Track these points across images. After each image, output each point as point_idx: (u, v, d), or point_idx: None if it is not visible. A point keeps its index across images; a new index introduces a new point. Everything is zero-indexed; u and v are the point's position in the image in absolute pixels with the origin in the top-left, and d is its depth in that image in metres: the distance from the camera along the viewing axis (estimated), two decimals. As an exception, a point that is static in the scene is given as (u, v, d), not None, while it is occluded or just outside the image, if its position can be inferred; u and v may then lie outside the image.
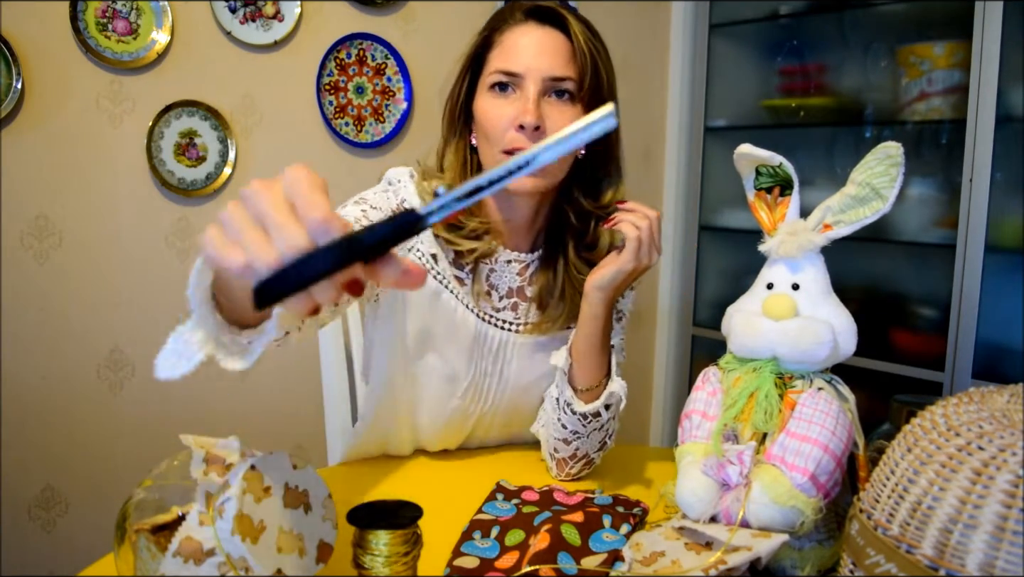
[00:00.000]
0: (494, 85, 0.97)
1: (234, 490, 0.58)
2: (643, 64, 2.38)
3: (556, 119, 0.95)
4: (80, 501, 1.63)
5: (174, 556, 0.58)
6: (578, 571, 0.71)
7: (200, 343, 0.53)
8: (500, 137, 0.96)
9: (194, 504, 0.60)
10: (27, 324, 1.54)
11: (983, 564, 0.47)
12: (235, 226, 0.49)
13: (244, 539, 0.57)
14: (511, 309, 1.07)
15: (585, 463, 1.01)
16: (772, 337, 0.77)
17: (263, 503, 0.60)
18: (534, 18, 0.98)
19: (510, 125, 0.95)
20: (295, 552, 0.61)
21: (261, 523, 0.59)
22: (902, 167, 0.76)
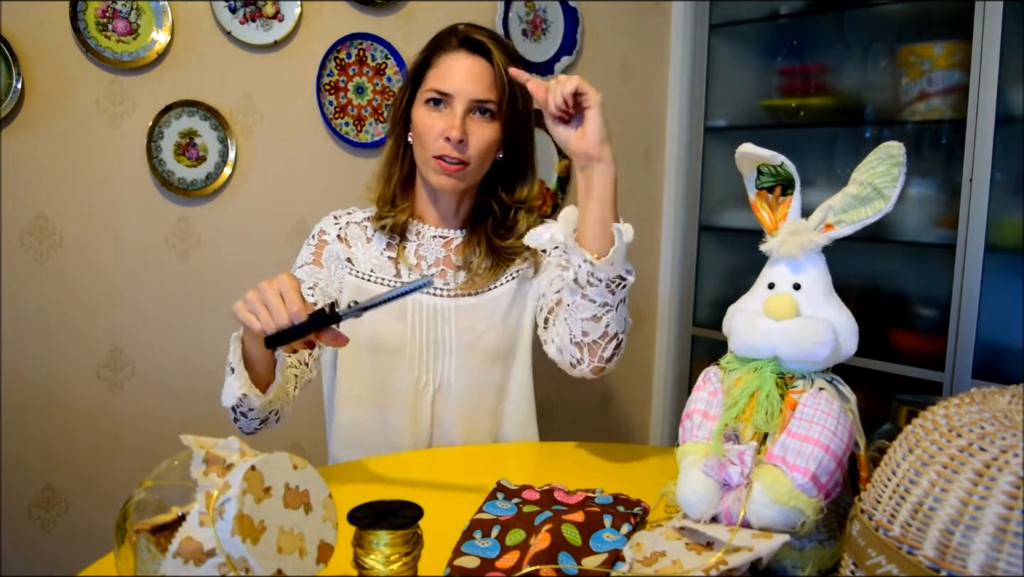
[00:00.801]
0: (429, 100, 1.18)
1: (234, 491, 0.58)
2: (643, 64, 2.38)
3: (478, 133, 1.17)
4: (80, 501, 1.63)
5: (174, 556, 0.58)
6: (579, 571, 0.71)
7: (239, 386, 0.96)
8: (431, 144, 1.17)
9: (194, 504, 0.60)
10: (27, 324, 1.54)
11: (984, 565, 0.47)
12: (254, 305, 0.92)
13: (244, 540, 0.57)
14: (440, 276, 1.25)
15: (616, 344, 1.06)
16: (773, 337, 0.77)
17: (263, 504, 0.60)
18: (466, 47, 1.19)
19: (440, 136, 1.16)
20: (295, 552, 0.61)
21: (261, 524, 0.59)
22: (904, 167, 0.76)
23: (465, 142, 1.16)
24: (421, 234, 1.27)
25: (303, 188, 1.80)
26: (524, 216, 1.27)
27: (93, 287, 1.61)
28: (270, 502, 0.60)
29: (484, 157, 1.20)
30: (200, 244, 1.71)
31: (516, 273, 1.28)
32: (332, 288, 1.24)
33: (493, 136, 1.19)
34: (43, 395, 1.57)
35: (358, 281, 1.24)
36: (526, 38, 2.11)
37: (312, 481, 0.65)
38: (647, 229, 2.48)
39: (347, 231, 1.27)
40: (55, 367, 1.58)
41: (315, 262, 1.25)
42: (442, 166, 1.17)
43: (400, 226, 1.25)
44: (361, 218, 1.29)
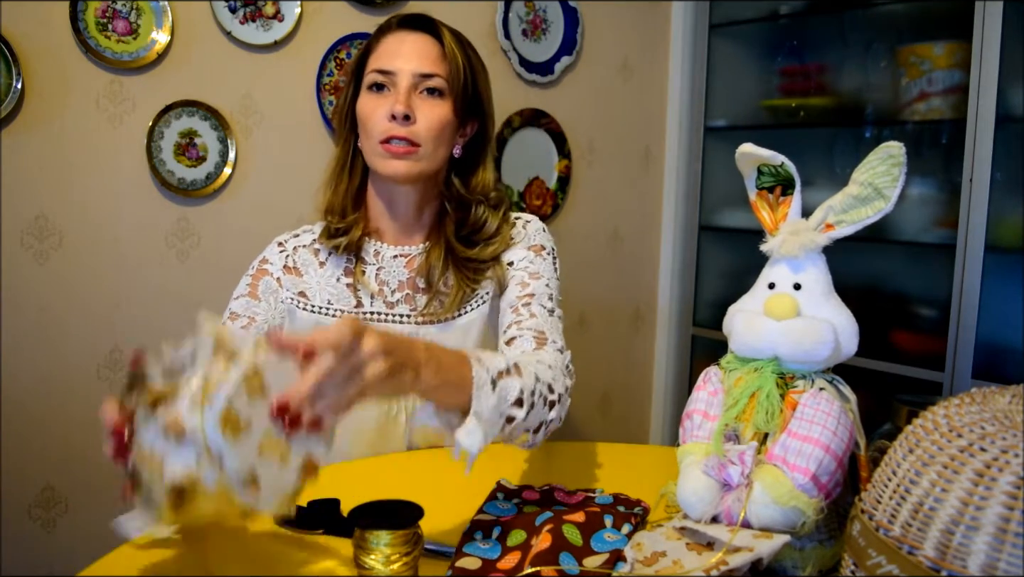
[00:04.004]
0: (371, 85, 1.10)
1: (229, 385, 0.58)
2: (643, 64, 2.38)
3: (426, 112, 1.07)
4: (80, 501, 1.63)
5: (161, 428, 0.58)
6: (580, 571, 0.71)
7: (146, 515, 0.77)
8: (375, 128, 1.07)
9: (193, 383, 0.59)
10: (27, 324, 1.54)
11: (985, 565, 0.47)
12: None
13: (225, 432, 0.57)
14: (405, 302, 1.15)
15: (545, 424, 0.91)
16: (774, 337, 0.77)
17: (256, 403, 0.59)
18: (406, 26, 1.11)
19: (384, 116, 1.06)
20: (276, 459, 0.60)
21: (248, 422, 0.58)
22: (904, 167, 0.76)
23: (412, 118, 1.06)
24: (380, 255, 1.16)
25: (303, 188, 1.79)
26: (491, 214, 1.16)
27: (93, 287, 1.61)
28: (264, 404, 0.60)
29: (436, 140, 1.09)
30: (200, 244, 1.71)
31: (486, 296, 1.15)
32: (275, 323, 1.14)
33: (444, 115, 1.09)
34: (43, 395, 1.57)
35: (315, 316, 1.13)
36: (526, 38, 2.11)
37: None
38: (647, 229, 2.48)
39: (296, 258, 1.16)
40: (55, 367, 1.58)
41: (251, 294, 1.14)
42: (389, 149, 1.07)
43: (355, 244, 1.14)
44: (310, 240, 1.17)
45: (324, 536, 0.83)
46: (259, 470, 0.59)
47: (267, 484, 0.60)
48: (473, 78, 1.12)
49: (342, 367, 0.64)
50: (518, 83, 2.10)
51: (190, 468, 0.58)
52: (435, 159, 1.11)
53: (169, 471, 0.58)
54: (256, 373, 0.59)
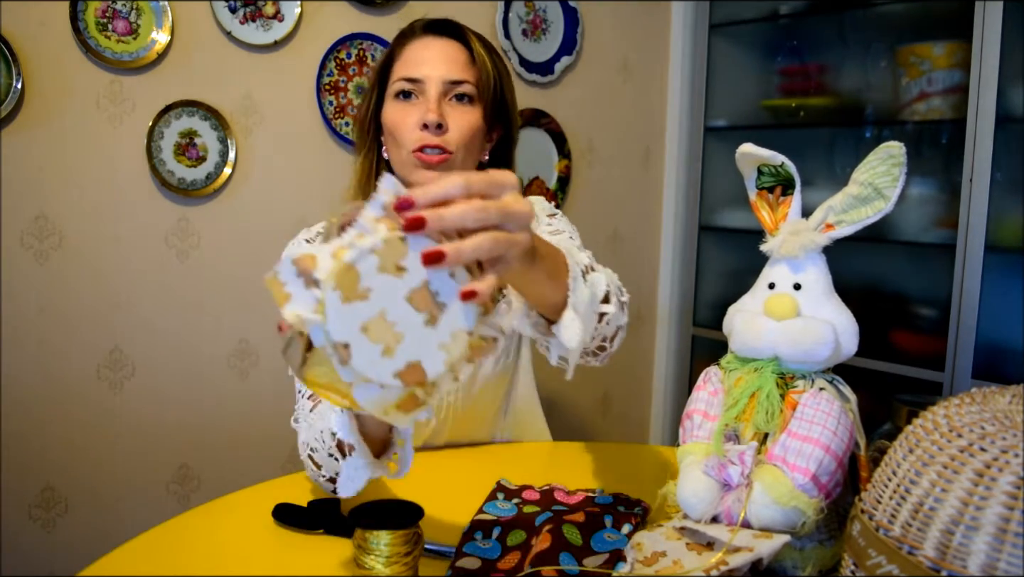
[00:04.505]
0: (399, 93, 1.07)
1: (366, 244, 0.53)
2: (643, 64, 2.38)
3: (458, 119, 1.06)
4: (80, 501, 1.63)
5: (292, 262, 0.53)
6: (580, 571, 0.71)
7: (364, 467, 0.72)
8: (407, 137, 1.05)
9: (349, 233, 0.54)
10: (27, 324, 1.54)
11: (985, 565, 0.47)
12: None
13: (337, 289, 0.52)
14: None
15: (617, 335, 0.92)
16: (774, 337, 0.77)
17: (384, 277, 0.53)
18: (433, 31, 1.09)
19: (416, 125, 1.04)
20: (380, 344, 0.54)
21: (367, 292, 0.53)
22: (904, 167, 0.76)
23: (445, 127, 1.05)
24: None
25: (303, 188, 1.80)
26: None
27: (93, 287, 1.61)
28: (392, 282, 0.54)
29: (468, 148, 1.08)
30: (200, 244, 1.71)
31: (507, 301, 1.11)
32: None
33: (475, 122, 1.07)
34: (43, 395, 1.57)
35: None
36: (526, 38, 2.11)
37: (464, 311, 0.57)
38: (647, 229, 2.48)
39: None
40: (55, 367, 1.58)
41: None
42: (423, 158, 1.04)
43: None
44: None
45: (324, 536, 0.83)
46: (354, 343, 0.53)
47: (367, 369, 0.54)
48: (501, 83, 1.10)
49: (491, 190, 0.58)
50: (518, 83, 2.10)
51: (303, 314, 0.52)
52: (466, 167, 1.09)
53: (287, 310, 0.53)
54: (399, 244, 0.53)
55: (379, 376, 0.54)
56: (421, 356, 0.56)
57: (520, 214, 0.58)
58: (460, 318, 0.57)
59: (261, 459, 1.80)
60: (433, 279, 0.55)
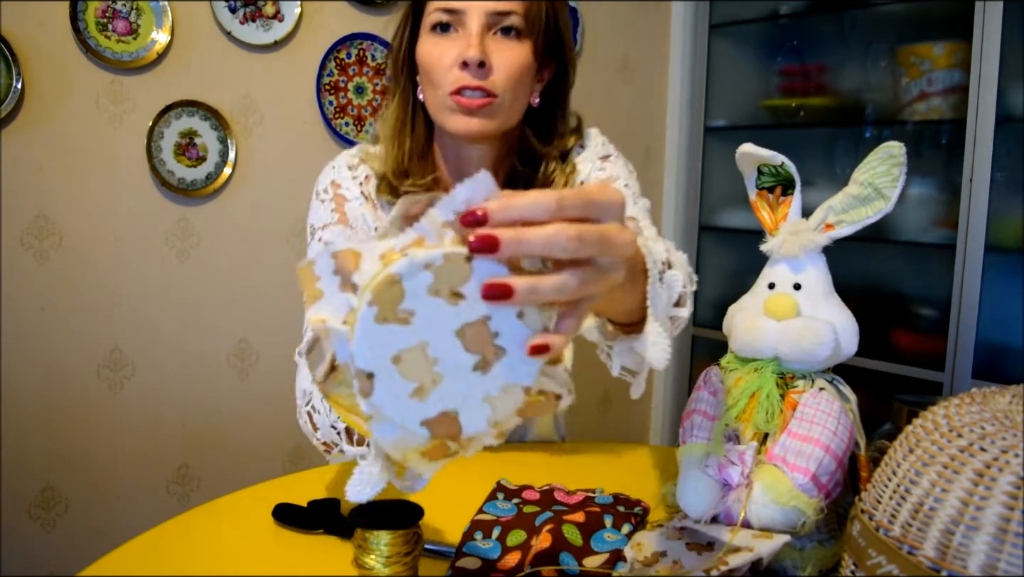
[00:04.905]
0: (435, 26, 0.92)
1: (422, 256, 0.42)
2: (643, 64, 2.38)
3: (504, 56, 0.91)
4: (80, 501, 1.63)
5: (332, 256, 0.44)
6: (580, 571, 0.71)
7: (380, 473, 0.56)
8: (444, 78, 0.91)
9: (411, 234, 0.44)
10: (27, 324, 1.54)
11: (985, 565, 0.47)
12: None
13: (373, 305, 0.42)
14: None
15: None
16: (774, 337, 0.77)
17: (435, 302, 0.43)
18: None
19: (454, 64, 0.90)
20: (412, 383, 0.44)
21: (409, 315, 0.43)
22: (904, 167, 0.76)
23: (488, 66, 0.90)
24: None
25: (303, 188, 1.79)
26: (559, 170, 1.02)
27: (93, 287, 1.61)
28: (442, 308, 0.43)
29: (516, 90, 0.93)
30: (200, 244, 1.71)
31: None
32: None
33: (523, 59, 0.92)
34: (43, 395, 1.57)
35: None
36: (526, 38, 2.11)
37: (526, 363, 0.46)
38: (647, 229, 2.48)
39: (369, 189, 1.00)
40: (55, 367, 1.58)
41: (340, 220, 0.97)
42: (462, 102, 0.90)
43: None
44: (368, 174, 1.01)
45: (324, 536, 0.83)
46: (380, 374, 0.44)
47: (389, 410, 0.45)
48: (554, 13, 0.95)
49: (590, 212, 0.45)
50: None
51: (329, 321, 0.44)
52: (514, 111, 0.95)
53: (314, 311, 0.44)
54: (465, 267, 0.43)
55: (403, 419, 0.45)
56: (460, 407, 0.46)
57: (622, 246, 0.46)
58: (519, 370, 0.46)
59: (261, 459, 1.80)
60: (496, 315, 0.45)
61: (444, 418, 0.45)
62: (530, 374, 0.46)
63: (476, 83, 0.89)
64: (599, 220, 0.46)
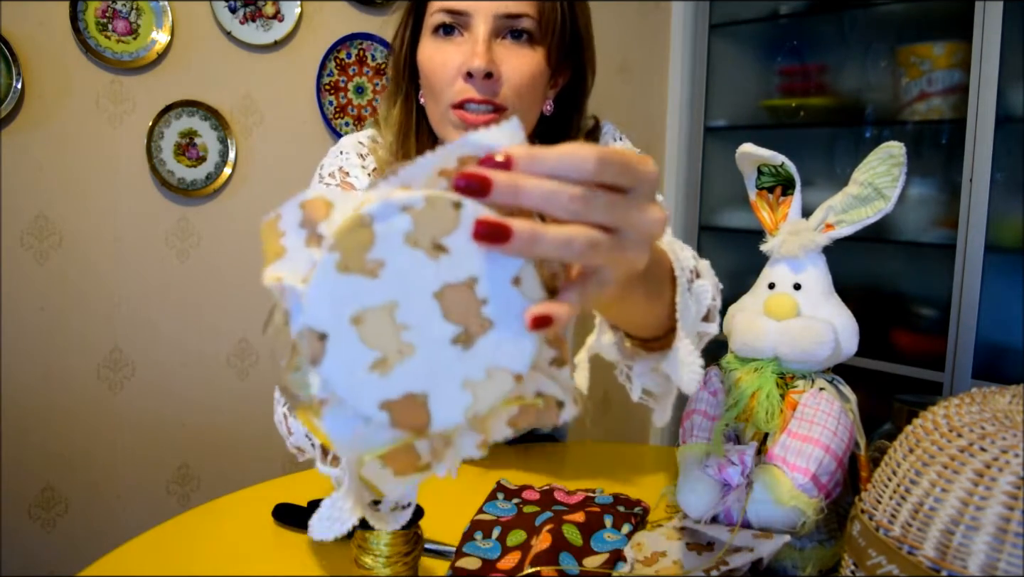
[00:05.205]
0: (438, 28, 0.83)
1: (401, 197, 0.35)
2: (643, 64, 2.38)
3: (514, 64, 0.81)
4: (80, 501, 1.63)
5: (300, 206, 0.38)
6: (580, 571, 0.71)
7: (352, 509, 0.49)
8: (446, 88, 0.82)
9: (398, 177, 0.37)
10: (27, 324, 1.54)
11: (985, 565, 0.47)
12: None
13: (335, 251, 0.35)
14: None
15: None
16: (774, 337, 0.77)
17: (412, 253, 0.35)
18: None
19: (457, 73, 0.81)
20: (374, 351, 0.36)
21: (378, 266, 0.35)
22: (904, 167, 0.76)
23: (496, 76, 0.81)
24: None
25: (303, 188, 1.80)
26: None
27: (93, 287, 1.61)
28: (423, 262, 0.36)
29: (527, 102, 0.84)
30: (200, 244, 1.71)
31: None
32: None
33: (535, 67, 0.83)
34: (43, 395, 1.57)
35: None
36: (526, 38, 2.11)
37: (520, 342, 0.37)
38: (647, 229, 2.48)
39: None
40: (55, 367, 1.58)
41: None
42: (466, 118, 0.82)
43: None
44: (375, 167, 0.93)
45: (324, 536, 0.83)
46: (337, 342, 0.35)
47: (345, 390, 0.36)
48: (572, 14, 0.85)
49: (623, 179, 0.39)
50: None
51: (285, 278, 0.37)
52: (523, 123, 0.89)
53: (270, 269, 0.37)
54: (449, 211, 0.35)
55: (357, 397, 0.36)
56: (431, 389, 0.37)
57: (647, 224, 0.39)
58: (510, 351, 0.37)
59: (261, 459, 1.80)
60: (486, 278, 0.36)
61: (409, 402, 0.36)
62: (523, 357, 0.37)
63: (482, 96, 0.81)
64: (633, 191, 0.39)
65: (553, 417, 0.40)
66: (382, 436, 0.38)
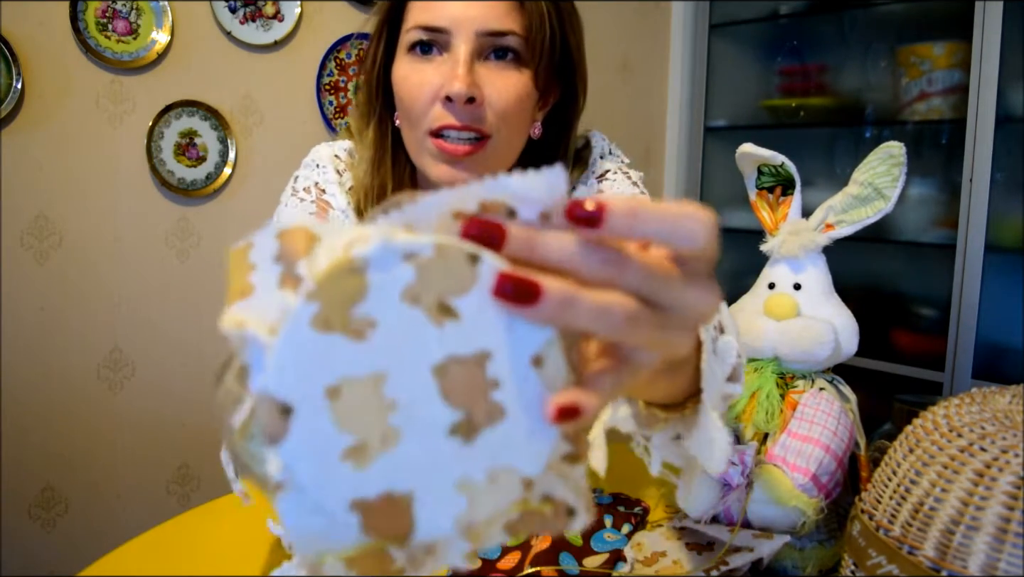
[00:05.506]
0: (414, 45, 0.74)
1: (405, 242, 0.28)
2: (643, 64, 2.38)
3: (498, 87, 0.73)
4: (80, 501, 1.63)
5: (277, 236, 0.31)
6: (580, 571, 0.71)
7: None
8: (423, 113, 0.74)
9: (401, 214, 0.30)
10: (27, 324, 1.54)
11: (985, 565, 0.47)
12: None
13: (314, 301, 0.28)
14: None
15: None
16: (774, 337, 0.77)
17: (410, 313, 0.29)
18: None
19: (435, 97, 0.73)
20: (349, 434, 0.29)
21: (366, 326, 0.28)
22: (904, 167, 0.76)
23: (479, 101, 0.72)
24: None
25: (303, 188, 1.80)
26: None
27: (93, 287, 1.61)
28: (423, 326, 0.29)
29: (512, 128, 0.75)
30: (200, 244, 1.71)
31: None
32: None
33: (522, 90, 0.74)
34: (43, 395, 1.57)
35: None
36: (526, 38, 2.11)
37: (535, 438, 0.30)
38: (647, 229, 2.48)
39: (352, 210, 0.83)
40: (55, 367, 1.58)
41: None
42: (444, 148, 0.73)
43: None
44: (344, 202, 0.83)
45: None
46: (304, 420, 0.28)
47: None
48: (562, 30, 0.77)
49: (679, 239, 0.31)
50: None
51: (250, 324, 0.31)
52: (509, 151, 0.78)
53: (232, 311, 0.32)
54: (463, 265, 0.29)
55: (322, 492, 0.29)
56: (416, 489, 0.29)
57: (701, 305, 0.32)
58: (522, 447, 0.30)
59: (261, 459, 1.80)
60: (502, 352, 0.29)
61: (388, 503, 0.29)
62: (537, 458, 0.30)
63: (461, 122, 0.72)
64: (689, 263, 0.32)
65: (560, 525, 0.32)
66: (350, 535, 0.30)
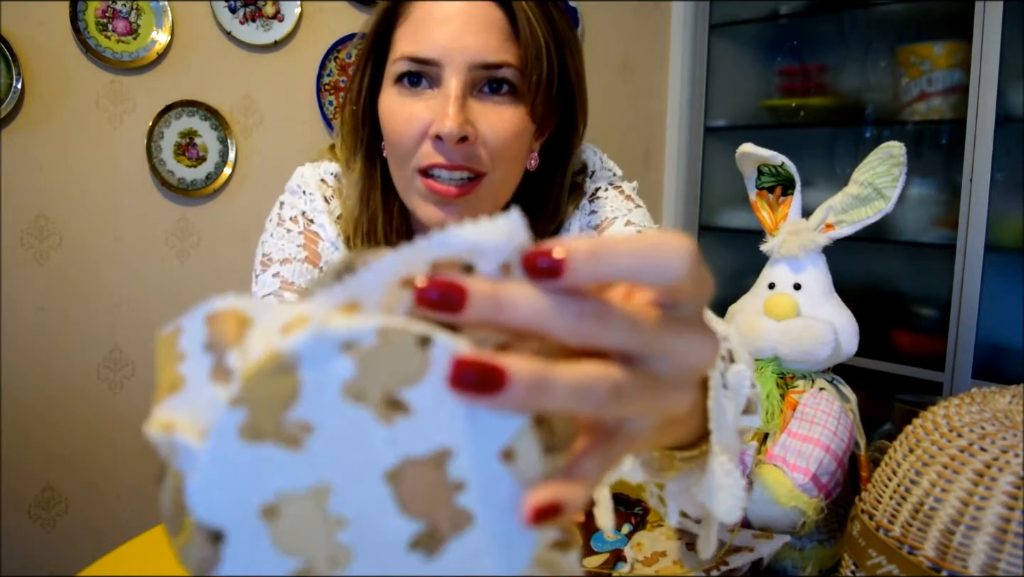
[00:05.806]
0: (401, 77, 0.69)
1: (344, 326, 0.24)
2: (643, 64, 2.38)
3: (493, 122, 0.68)
4: (80, 501, 1.63)
5: (205, 320, 0.30)
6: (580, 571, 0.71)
7: None
8: (411, 151, 0.69)
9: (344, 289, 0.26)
10: (27, 324, 1.54)
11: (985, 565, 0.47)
12: None
13: (240, 407, 0.24)
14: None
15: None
16: (774, 337, 0.77)
17: (352, 412, 0.24)
18: None
19: (424, 134, 0.68)
20: (292, 558, 0.25)
21: (302, 433, 0.24)
22: (904, 167, 0.76)
23: (472, 139, 0.67)
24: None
25: (303, 188, 1.80)
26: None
27: (93, 287, 1.61)
28: (369, 426, 0.24)
29: (509, 162, 0.70)
30: (200, 244, 1.71)
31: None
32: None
33: (518, 125, 0.69)
34: (43, 395, 1.57)
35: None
36: (526, 38, 2.11)
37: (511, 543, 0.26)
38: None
39: (341, 241, 0.79)
40: (55, 367, 1.58)
41: (310, 259, 0.76)
42: (434, 188, 0.68)
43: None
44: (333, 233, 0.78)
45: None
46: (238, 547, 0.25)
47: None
48: (560, 60, 0.71)
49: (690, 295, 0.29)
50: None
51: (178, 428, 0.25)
52: (504, 188, 0.73)
53: (159, 411, 0.27)
54: (411, 349, 0.24)
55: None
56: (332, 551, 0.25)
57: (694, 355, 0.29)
58: (497, 557, 0.26)
59: (261, 459, 1.80)
60: (465, 449, 0.25)
61: None
62: (514, 565, 0.26)
63: (450, 161, 0.67)
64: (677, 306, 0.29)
65: None
66: None
